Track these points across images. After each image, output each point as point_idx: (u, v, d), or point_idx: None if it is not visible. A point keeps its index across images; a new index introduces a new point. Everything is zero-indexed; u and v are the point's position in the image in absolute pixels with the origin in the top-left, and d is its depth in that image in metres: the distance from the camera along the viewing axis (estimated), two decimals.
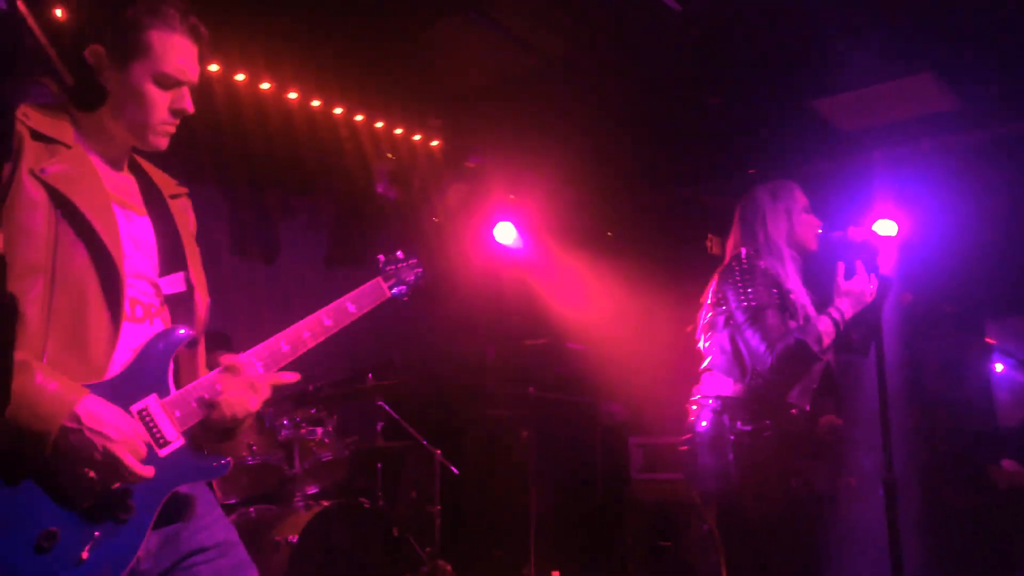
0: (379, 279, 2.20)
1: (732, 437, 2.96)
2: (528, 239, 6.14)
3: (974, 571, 4.98)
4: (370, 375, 4.72)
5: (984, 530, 5.05)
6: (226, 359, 1.85)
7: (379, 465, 4.80)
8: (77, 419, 1.59)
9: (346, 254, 5.75)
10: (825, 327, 2.94)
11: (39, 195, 1.68)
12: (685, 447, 3.17)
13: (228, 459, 1.83)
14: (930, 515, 5.29)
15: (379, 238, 5.70)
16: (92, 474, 1.61)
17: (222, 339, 4.18)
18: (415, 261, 2.32)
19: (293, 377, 1.91)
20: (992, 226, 5.26)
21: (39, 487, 1.60)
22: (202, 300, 1.95)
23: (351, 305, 2.08)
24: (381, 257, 2.26)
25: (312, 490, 4.42)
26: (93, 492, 1.63)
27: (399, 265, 2.27)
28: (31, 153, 1.70)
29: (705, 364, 3.16)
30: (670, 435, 5.79)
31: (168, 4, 1.82)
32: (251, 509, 4.11)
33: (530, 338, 5.99)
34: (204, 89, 4.50)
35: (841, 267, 3.04)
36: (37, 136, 1.73)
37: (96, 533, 1.63)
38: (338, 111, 5.12)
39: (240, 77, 4.65)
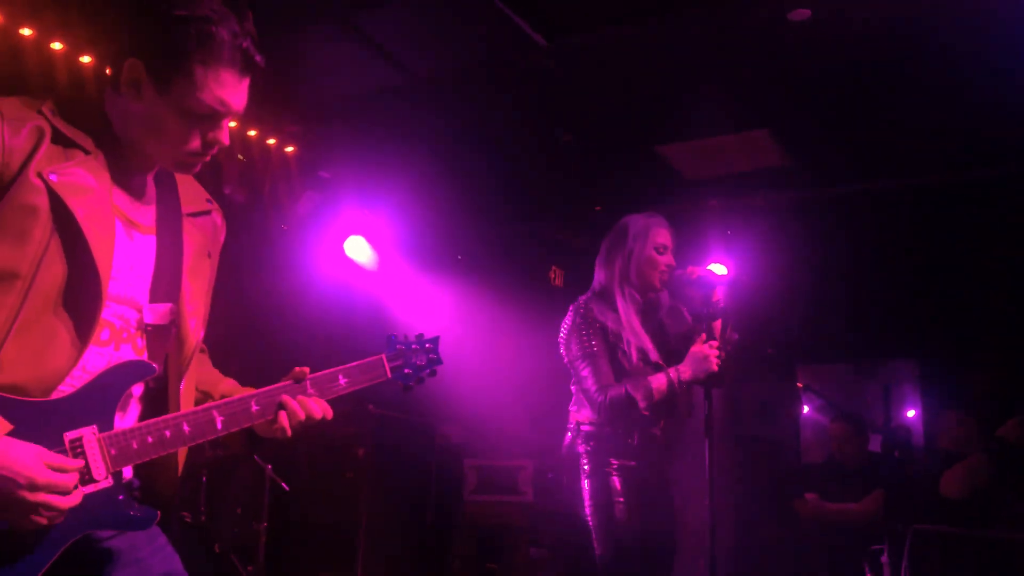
0: (382, 356, 1.98)
1: (586, 461, 3.12)
2: (378, 254, 6.10)
3: None
4: None
5: (787, 559, 5.42)
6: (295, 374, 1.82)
7: (204, 478, 4.59)
8: None
9: None
10: (659, 384, 3.09)
11: (41, 200, 1.57)
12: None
13: (157, 512, 1.67)
14: (742, 546, 5.63)
15: (224, 241, 5.49)
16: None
17: None
18: (431, 345, 2.09)
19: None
20: (809, 278, 5.72)
21: None
22: (193, 333, 1.81)
23: (342, 378, 1.90)
24: (392, 336, 2.04)
25: None
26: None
27: (412, 346, 2.05)
28: (44, 155, 1.59)
29: (572, 400, 3.31)
30: (504, 458, 5.88)
31: (219, 32, 1.65)
32: None
33: (373, 354, 5.93)
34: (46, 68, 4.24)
35: (703, 335, 3.17)
36: (58, 138, 1.62)
37: None
38: None
39: (86, 59, 4.40)
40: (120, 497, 1.63)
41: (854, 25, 4.01)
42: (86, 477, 1.57)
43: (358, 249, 5.97)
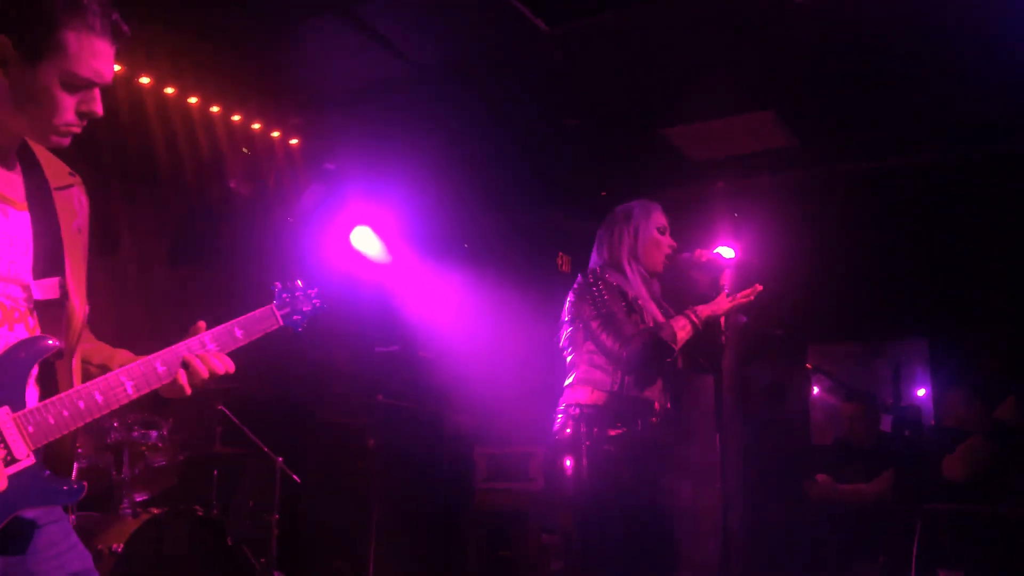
0: (272, 306, 2.07)
1: (587, 443, 3.09)
2: (384, 245, 6.10)
3: None
4: None
5: (798, 541, 5.42)
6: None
7: (215, 472, 4.61)
8: None
9: (192, 250, 5.50)
10: (681, 324, 3.13)
11: None
12: (547, 452, 3.28)
13: (83, 484, 1.67)
14: (754, 528, 5.63)
15: (229, 235, 5.49)
16: None
17: None
18: (315, 291, 2.20)
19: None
20: (817, 258, 5.68)
21: None
22: (80, 308, 1.80)
23: (238, 331, 1.95)
24: (278, 284, 2.13)
25: (141, 497, 4.19)
26: None
27: (296, 294, 2.15)
28: None
29: (568, 379, 3.29)
30: (515, 445, 5.89)
31: (88, 2, 1.65)
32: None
33: (381, 345, 5.94)
34: None
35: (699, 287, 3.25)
36: None
37: None
38: (193, 100, 4.91)
39: None
40: (46, 473, 1.63)
41: (858, 4, 3.98)
42: (8, 458, 1.57)
43: (364, 240, 5.97)
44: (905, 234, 5.65)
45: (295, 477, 4.81)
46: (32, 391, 1.70)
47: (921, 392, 6.37)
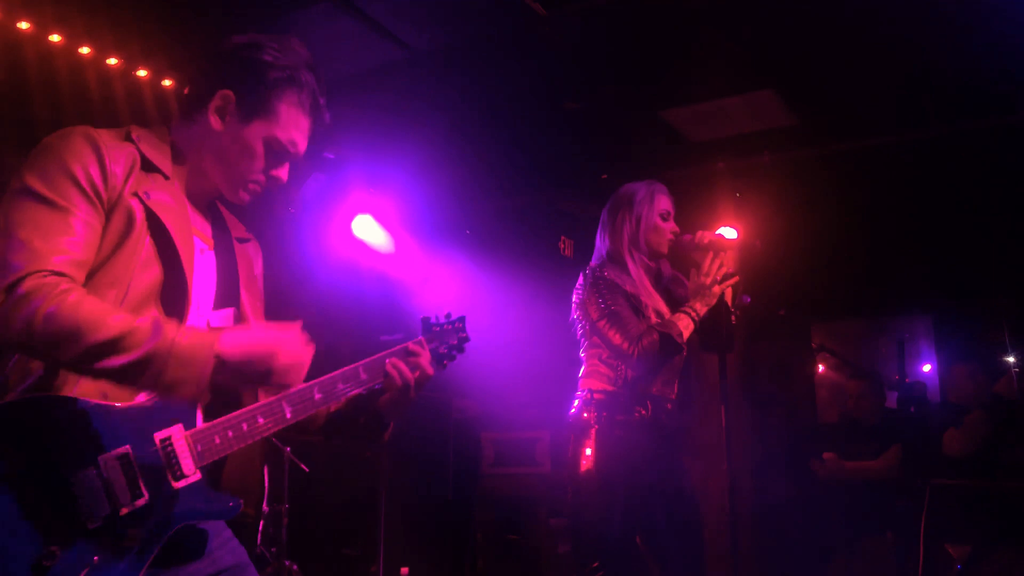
0: (422, 339, 2.18)
1: (600, 427, 3.12)
2: (386, 233, 6.09)
3: (797, 558, 5.35)
4: None
5: (806, 519, 5.44)
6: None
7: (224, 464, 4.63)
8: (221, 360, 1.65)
9: None
10: (684, 323, 3.15)
11: (138, 216, 1.73)
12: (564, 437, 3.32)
13: (240, 501, 1.78)
14: (761, 508, 5.65)
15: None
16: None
17: None
18: (461, 324, 2.31)
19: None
20: (820, 236, 5.68)
21: (47, 504, 1.53)
22: None
23: (364, 373, 2.05)
24: (427, 317, 2.25)
25: None
26: (104, 510, 1.57)
27: (444, 327, 2.27)
28: (137, 177, 1.76)
29: (581, 371, 3.32)
30: (520, 430, 5.91)
31: (308, 80, 1.87)
32: None
33: (386, 333, 5.94)
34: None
35: (694, 271, 3.25)
36: (145, 164, 1.79)
37: (95, 558, 1.55)
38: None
39: (85, 50, 4.40)
40: (208, 488, 1.72)
41: None
42: (178, 472, 1.67)
43: (366, 228, 5.96)
44: (907, 210, 5.64)
45: (303, 467, 4.83)
46: (201, 415, 1.80)
47: (927, 368, 6.38)
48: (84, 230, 1.66)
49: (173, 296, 1.76)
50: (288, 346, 1.72)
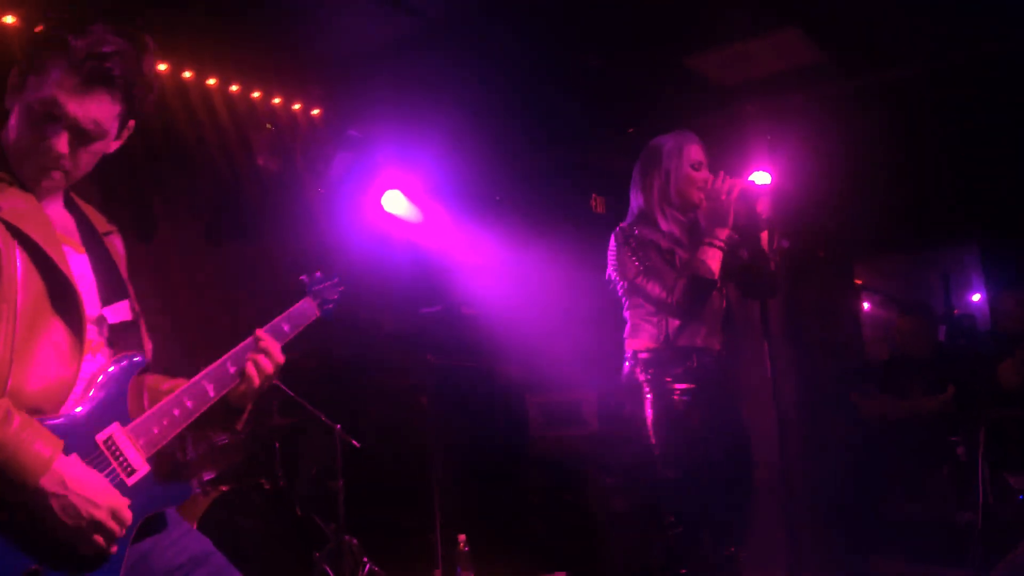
0: (309, 298, 2.24)
1: (648, 386, 3.13)
2: (416, 206, 6.09)
3: (852, 498, 5.31)
4: None
5: (862, 462, 5.39)
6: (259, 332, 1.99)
7: (277, 444, 4.70)
8: (62, 483, 1.56)
9: (229, 230, 5.55)
10: (710, 255, 3.12)
11: None
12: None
13: (191, 482, 1.86)
14: (810, 451, 5.61)
15: (263, 211, 5.52)
16: (70, 538, 1.59)
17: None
18: (337, 280, 2.38)
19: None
20: (857, 170, 5.55)
21: (21, 528, 1.56)
22: (147, 332, 1.95)
23: (286, 325, 2.12)
24: (305, 278, 2.30)
25: (209, 475, 4.29)
26: (71, 549, 1.60)
27: (324, 284, 2.33)
28: None
29: (626, 330, 3.33)
30: (566, 392, 5.92)
31: (79, 34, 1.71)
32: None
33: (425, 306, 5.97)
34: None
35: (703, 198, 3.26)
36: None
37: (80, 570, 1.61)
38: (211, 82, 4.91)
39: None
40: (156, 478, 1.77)
41: None
42: (129, 469, 1.71)
43: (397, 203, 5.97)
44: (944, 138, 5.48)
45: (354, 443, 4.88)
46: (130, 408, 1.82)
47: (976, 297, 6.24)
48: None
49: (64, 301, 1.72)
50: (111, 502, 1.63)
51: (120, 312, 1.87)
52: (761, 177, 3.39)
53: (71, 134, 1.74)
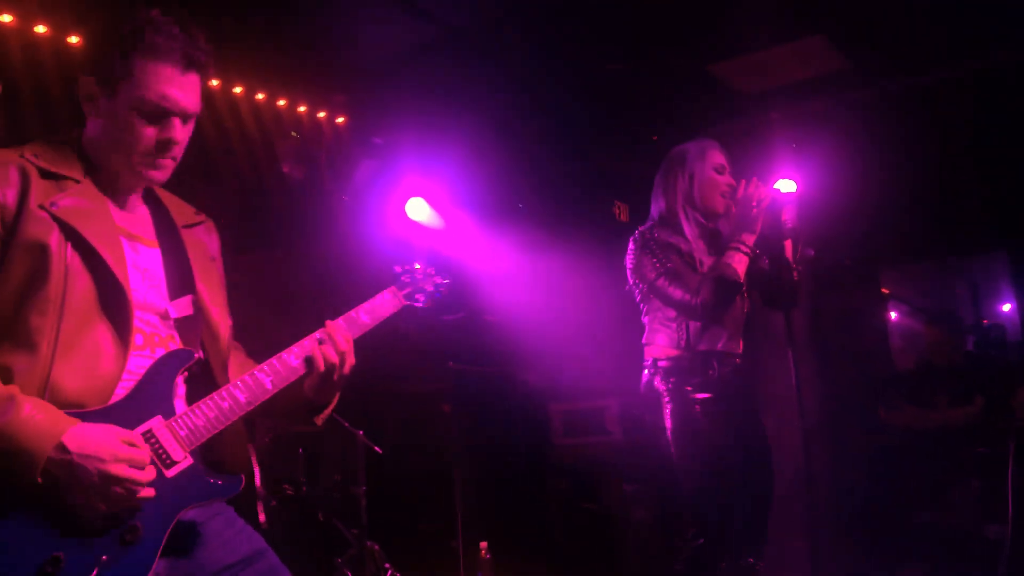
0: (394, 288, 2.18)
1: (669, 396, 3.10)
2: (440, 213, 6.11)
3: (878, 509, 5.24)
4: None
5: (886, 470, 5.32)
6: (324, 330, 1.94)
7: (300, 450, 4.73)
8: (64, 449, 1.56)
9: (255, 237, 5.60)
10: (737, 259, 3.09)
11: (50, 228, 1.71)
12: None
13: (240, 476, 1.81)
14: (835, 461, 5.55)
15: (289, 219, 5.57)
16: (92, 502, 1.59)
17: None
18: (433, 270, 2.30)
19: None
20: (884, 178, 5.49)
21: (40, 513, 1.57)
22: (221, 322, 1.96)
23: (364, 316, 2.08)
24: (397, 267, 2.25)
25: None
26: (98, 516, 1.60)
27: (416, 275, 2.26)
28: (39, 190, 1.73)
29: (644, 336, 3.30)
30: (588, 400, 5.90)
31: (156, 31, 1.78)
32: None
33: (448, 313, 5.98)
34: None
35: (731, 204, 3.22)
36: (46, 174, 1.76)
37: (103, 556, 1.60)
38: (238, 90, 4.96)
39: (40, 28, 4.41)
40: (202, 470, 1.76)
41: None
42: (168, 461, 1.70)
43: (420, 210, 5.99)
44: (971, 144, 5.42)
45: (376, 448, 4.90)
46: (180, 404, 1.83)
47: (1006, 307, 6.15)
48: None
49: (112, 301, 1.73)
50: (124, 453, 1.62)
51: (182, 307, 1.88)
52: (786, 185, 3.37)
53: (182, 121, 1.84)
